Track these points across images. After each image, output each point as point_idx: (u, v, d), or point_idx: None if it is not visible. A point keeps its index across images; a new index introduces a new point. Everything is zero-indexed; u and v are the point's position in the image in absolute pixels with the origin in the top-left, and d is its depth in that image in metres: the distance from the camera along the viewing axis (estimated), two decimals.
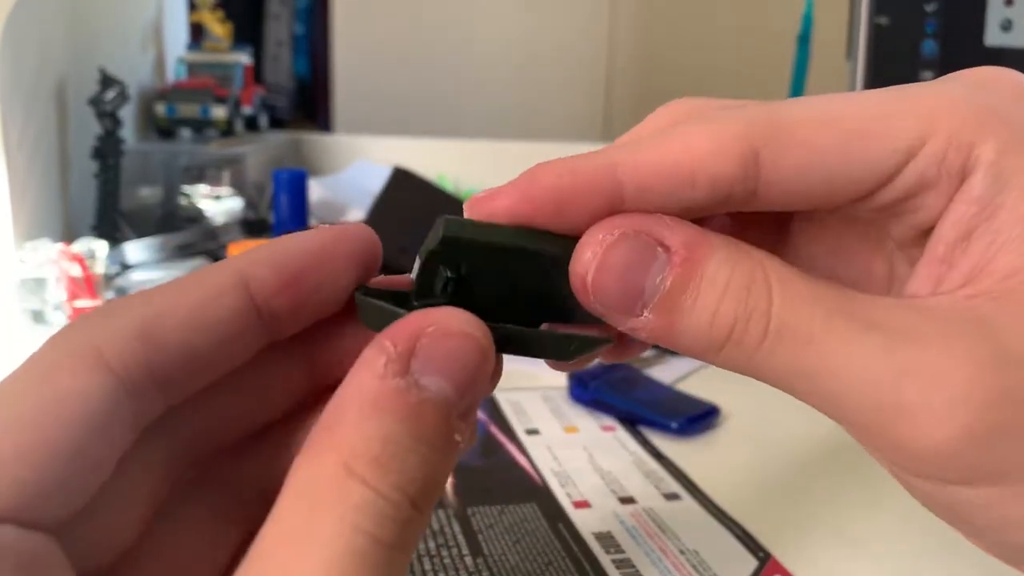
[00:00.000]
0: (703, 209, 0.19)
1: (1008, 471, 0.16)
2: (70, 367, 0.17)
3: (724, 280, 0.17)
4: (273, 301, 0.19)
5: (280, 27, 2.15)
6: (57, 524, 0.16)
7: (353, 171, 1.07)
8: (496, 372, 0.20)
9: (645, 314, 0.18)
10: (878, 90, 0.18)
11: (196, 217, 0.86)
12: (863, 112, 0.18)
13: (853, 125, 0.18)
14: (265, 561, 0.15)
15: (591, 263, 0.18)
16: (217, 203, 0.88)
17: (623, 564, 0.33)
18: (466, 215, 0.19)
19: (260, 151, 1.00)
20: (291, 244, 0.20)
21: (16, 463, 0.16)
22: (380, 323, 0.18)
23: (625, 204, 0.18)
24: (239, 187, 0.91)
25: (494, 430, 0.46)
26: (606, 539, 0.35)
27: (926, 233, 0.19)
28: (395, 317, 0.18)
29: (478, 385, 0.17)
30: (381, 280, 0.21)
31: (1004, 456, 0.16)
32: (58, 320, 0.58)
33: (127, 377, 0.17)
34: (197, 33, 1.13)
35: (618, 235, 0.18)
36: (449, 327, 0.17)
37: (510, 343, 0.19)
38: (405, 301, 0.20)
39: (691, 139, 0.18)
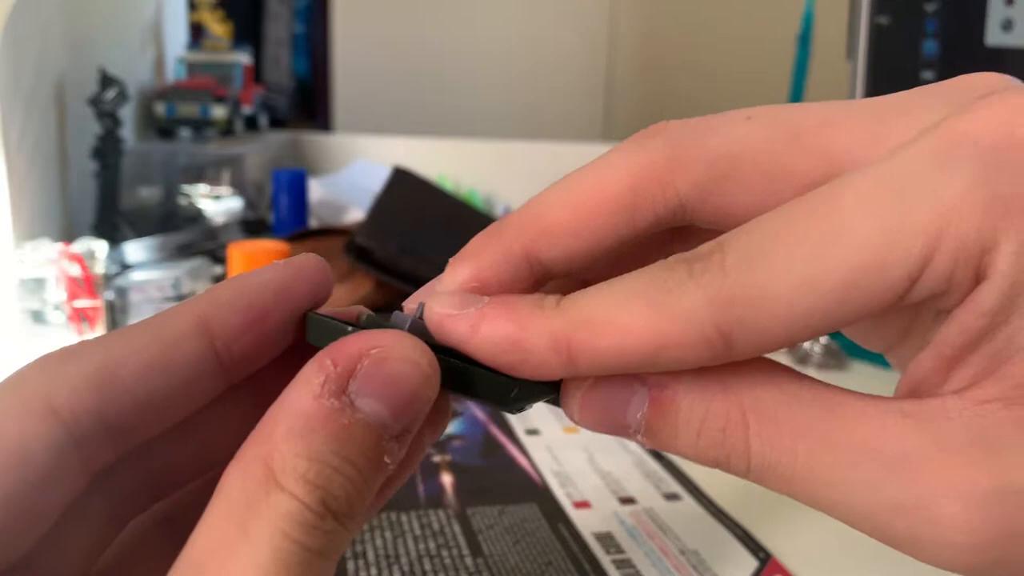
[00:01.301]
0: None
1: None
2: (16, 414, 0.17)
3: (698, 422, 0.17)
4: (235, 344, 0.19)
5: (280, 27, 2.15)
6: None
7: (353, 171, 1.07)
8: (444, 409, 0.20)
9: (639, 437, 0.18)
10: (863, 192, 0.16)
11: (196, 217, 0.86)
12: (849, 248, 0.15)
13: (840, 275, 0.15)
14: (197, 567, 0.15)
15: (575, 409, 0.18)
16: (217, 203, 0.87)
17: (623, 564, 0.33)
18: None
19: (260, 151, 1.00)
20: (253, 283, 0.19)
21: None
22: (326, 339, 0.18)
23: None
24: (239, 187, 0.91)
25: (494, 430, 0.46)
26: (606, 539, 0.35)
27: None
28: (342, 333, 0.18)
29: (416, 411, 0.17)
30: (331, 312, 0.21)
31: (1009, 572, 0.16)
32: (57, 320, 0.58)
33: (76, 425, 0.17)
34: (197, 33, 1.13)
35: (591, 381, 0.18)
36: (393, 351, 0.17)
37: (452, 378, 0.19)
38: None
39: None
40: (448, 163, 1.07)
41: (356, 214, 0.90)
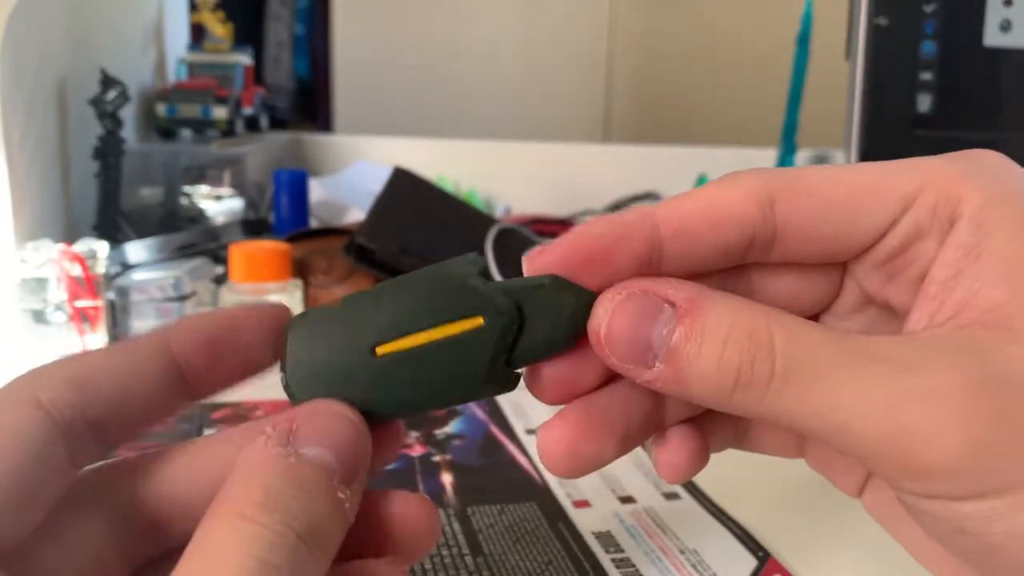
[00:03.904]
0: (731, 254, 0.21)
1: (1010, 483, 0.18)
2: (7, 407, 0.19)
3: (726, 328, 0.19)
4: (191, 359, 0.22)
5: (280, 28, 2.15)
6: None
7: (353, 171, 1.07)
8: (390, 447, 0.23)
9: (656, 365, 0.19)
10: (876, 162, 0.21)
11: (197, 217, 0.86)
12: (866, 173, 0.21)
13: (858, 181, 0.20)
14: None
15: (603, 319, 0.20)
16: (218, 203, 0.88)
17: (623, 563, 0.33)
18: (524, 268, 0.21)
19: (261, 151, 1.00)
20: (208, 316, 0.23)
21: None
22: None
23: (664, 248, 0.20)
24: (240, 187, 0.91)
25: (494, 430, 0.46)
26: (606, 538, 0.35)
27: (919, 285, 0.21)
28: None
29: (356, 456, 0.20)
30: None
31: (1006, 468, 0.18)
32: (59, 320, 0.58)
33: (59, 417, 0.20)
34: (198, 34, 1.13)
35: (626, 294, 0.20)
36: (318, 407, 0.20)
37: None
38: None
39: (716, 190, 0.21)
40: (448, 163, 1.07)
41: (357, 214, 0.90)
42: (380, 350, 0.20)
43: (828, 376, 0.19)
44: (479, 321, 0.20)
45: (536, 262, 0.21)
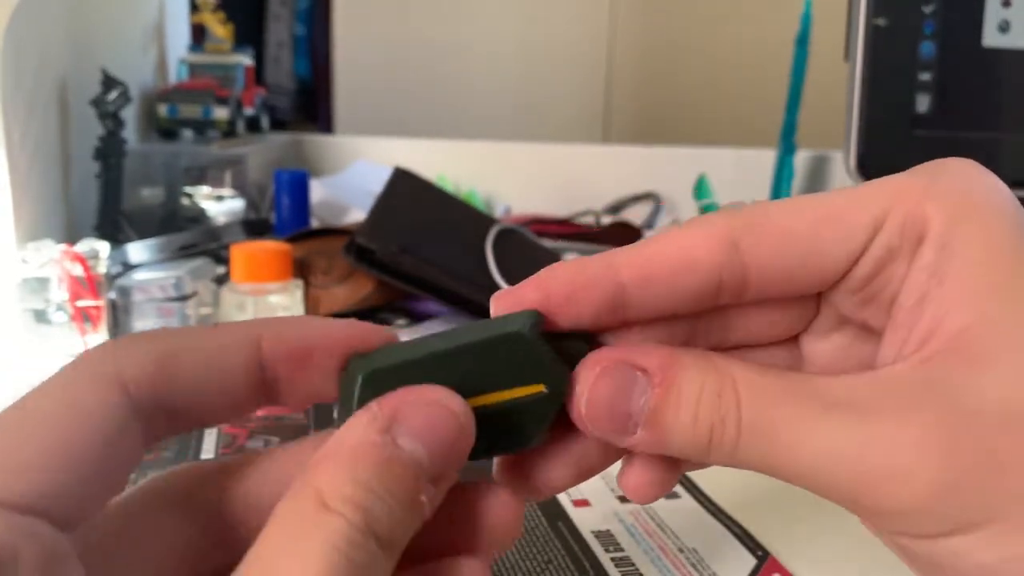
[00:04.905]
0: (701, 298, 0.21)
1: (975, 520, 0.18)
2: (89, 382, 0.19)
3: (697, 392, 0.20)
4: (279, 366, 0.21)
5: (281, 28, 2.16)
6: (68, 527, 0.18)
7: (354, 172, 1.07)
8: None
9: (638, 432, 0.20)
10: (842, 188, 0.21)
11: (198, 217, 0.87)
12: (828, 202, 0.20)
13: (820, 212, 0.20)
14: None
15: (581, 398, 0.21)
16: (219, 203, 0.88)
17: (622, 562, 0.33)
18: (492, 308, 0.21)
19: (261, 152, 1.00)
20: (304, 324, 0.22)
21: (41, 464, 0.18)
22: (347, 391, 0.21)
23: (627, 294, 0.21)
24: (241, 188, 0.91)
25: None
26: (605, 537, 0.35)
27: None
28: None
29: (452, 455, 0.19)
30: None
31: (974, 505, 0.18)
32: (60, 320, 0.58)
33: (140, 401, 0.19)
34: (199, 34, 1.14)
35: (600, 370, 0.20)
36: (432, 399, 0.20)
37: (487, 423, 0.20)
38: None
39: (678, 235, 0.21)
40: (448, 163, 1.07)
41: (357, 215, 0.90)
42: None
43: (791, 428, 0.19)
44: (540, 388, 0.21)
45: (504, 303, 0.21)
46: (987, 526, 0.18)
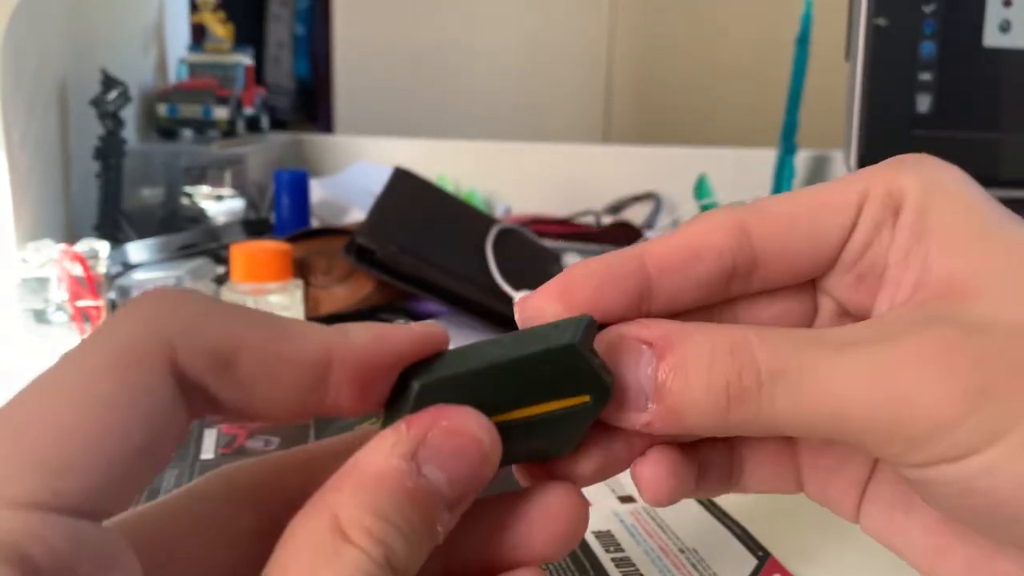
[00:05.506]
0: (715, 286, 0.22)
1: (1007, 427, 0.18)
2: (139, 357, 0.17)
3: (707, 352, 0.20)
4: (343, 384, 0.19)
5: (281, 28, 2.16)
6: (104, 517, 0.17)
7: (354, 172, 1.07)
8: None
9: (650, 406, 0.20)
10: (829, 181, 0.23)
11: (198, 217, 0.87)
12: (823, 189, 0.22)
13: (815, 197, 0.22)
14: None
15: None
16: (219, 203, 0.88)
17: (623, 563, 0.33)
18: (517, 316, 0.21)
19: (261, 152, 1.00)
20: (375, 338, 0.20)
21: (88, 462, 0.16)
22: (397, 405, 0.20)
23: (652, 285, 0.21)
24: (240, 188, 0.91)
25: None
26: (606, 538, 0.35)
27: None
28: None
29: (473, 486, 0.19)
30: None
31: (1000, 414, 0.18)
32: (60, 320, 0.58)
33: (187, 384, 0.17)
34: (198, 34, 1.14)
35: (604, 345, 0.20)
36: (460, 426, 0.19)
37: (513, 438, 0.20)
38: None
39: (694, 225, 0.22)
40: (448, 163, 1.07)
41: (357, 215, 0.90)
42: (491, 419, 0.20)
43: (814, 369, 0.19)
44: (585, 399, 0.20)
45: (529, 305, 0.21)
46: (1015, 433, 0.18)
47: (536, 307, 0.21)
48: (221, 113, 0.96)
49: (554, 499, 0.21)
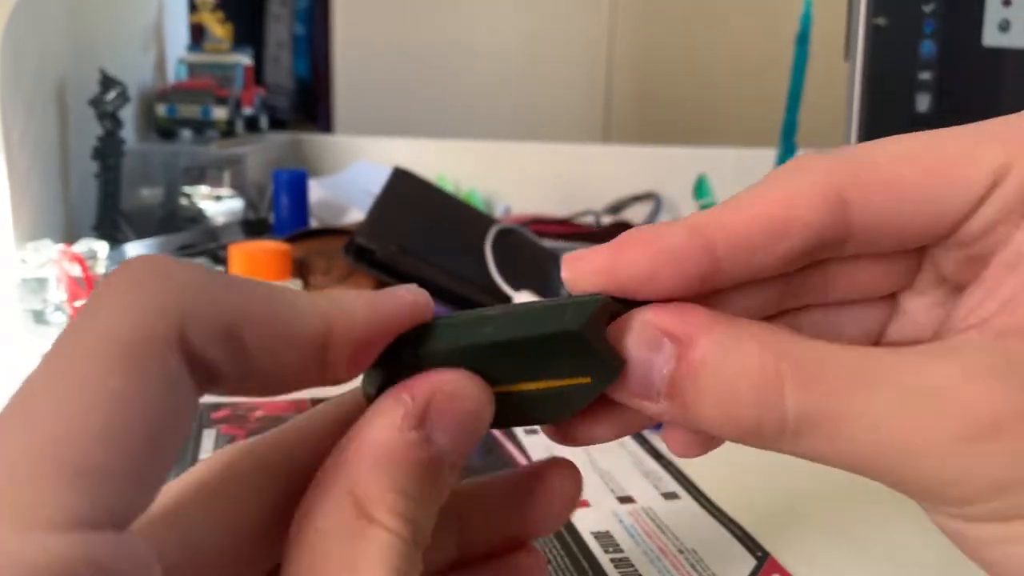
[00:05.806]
0: (795, 260, 0.19)
1: None
2: (154, 343, 0.15)
3: (729, 376, 0.17)
4: (340, 351, 0.18)
5: (280, 28, 2.16)
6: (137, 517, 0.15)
7: (353, 172, 1.07)
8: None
9: (661, 402, 0.18)
10: (954, 127, 0.18)
11: (197, 217, 0.87)
12: (943, 149, 0.18)
13: (937, 157, 0.18)
14: None
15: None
16: (218, 203, 0.88)
17: (622, 563, 0.33)
18: (563, 272, 0.20)
19: (260, 152, 1.00)
20: (368, 310, 0.18)
21: (114, 465, 0.14)
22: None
23: (719, 264, 0.18)
24: (240, 188, 0.91)
25: (493, 430, 0.46)
26: (605, 538, 0.35)
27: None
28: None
29: (471, 445, 0.19)
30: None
31: None
32: (58, 320, 0.58)
33: (195, 364, 0.16)
34: (198, 34, 1.13)
35: (622, 329, 0.19)
36: (460, 391, 0.18)
37: (509, 407, 0.20)
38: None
39: (776, 193, 0.18)
40: (448, 163, 1.07)
41: (356, 215, 0.90)
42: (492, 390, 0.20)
43: (852, 420, 0.17)
44: (587, 380, 0.20)
45: (576, 269, 0.19)
46: None
47: (585, 275, 0.19)
48: (220, 113, 0.96)
49: (558, 480, 0.21)
